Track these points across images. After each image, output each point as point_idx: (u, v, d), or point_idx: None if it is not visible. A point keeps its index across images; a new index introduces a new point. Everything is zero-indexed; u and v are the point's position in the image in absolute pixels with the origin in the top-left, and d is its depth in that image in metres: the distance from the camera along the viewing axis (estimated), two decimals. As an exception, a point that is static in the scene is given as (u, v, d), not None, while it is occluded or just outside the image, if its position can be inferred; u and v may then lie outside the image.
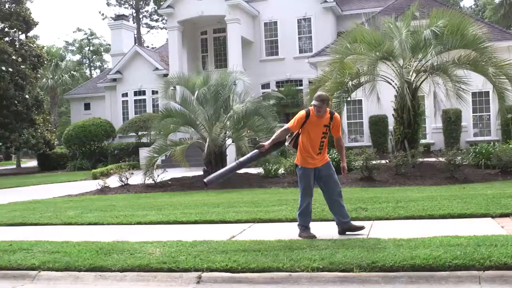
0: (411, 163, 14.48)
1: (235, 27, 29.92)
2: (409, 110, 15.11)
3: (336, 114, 7.65)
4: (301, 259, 6.12)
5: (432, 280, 5.57)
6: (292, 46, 32.08)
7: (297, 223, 7.68)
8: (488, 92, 21.73)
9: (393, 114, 16.13)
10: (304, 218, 7.59)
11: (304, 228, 7.54)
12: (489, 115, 24.05)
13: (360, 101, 23.99)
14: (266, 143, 7.45)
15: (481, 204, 9.12)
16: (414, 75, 15.43)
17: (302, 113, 7.42)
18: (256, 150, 7.48)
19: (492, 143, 17.02)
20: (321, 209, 9.24)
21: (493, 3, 54.33)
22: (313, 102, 7.32)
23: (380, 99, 15.88)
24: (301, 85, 31.27)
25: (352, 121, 25.11)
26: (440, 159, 14.21)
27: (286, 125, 7.46)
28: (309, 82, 20.92)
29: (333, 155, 14.23)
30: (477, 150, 15.19)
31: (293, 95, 29.77)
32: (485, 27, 17.56)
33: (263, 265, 6.04)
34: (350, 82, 15.30)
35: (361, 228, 7.60)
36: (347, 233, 7.53)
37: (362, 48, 15.16)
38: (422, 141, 20.93)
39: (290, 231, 7.84)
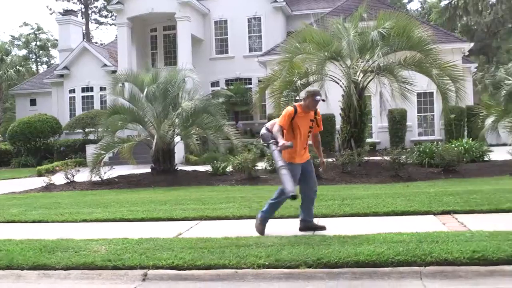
0: (357, 161, 14.74)
1: (185, 25, 29.73)
2: (356, 109, 15.37)
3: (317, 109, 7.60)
4: (247, 256, 6.13)
5: (375, 276, 5.67)
6: (242, 44, 32.15)
7: (258, 215, 7.53)
8: (432, 92, 22.34)
9: (340, 113, 16.38)
10: (272, 210, 7.56)
11: (265, 221, 7.48)
12: (433, 115, 24.73)
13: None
14: (281, 141, 7.06)
15: (424, 202, 9.37)
16: (361, 75, 15.71)
17: (290, 109, 7.38)
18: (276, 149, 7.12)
19: (435, 142, 17.49)
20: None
21: (439, 6, 55.80)
22: (317, 98, 7.29)
23: (328, 99, 15.98)
24: (250, 83, 31.36)
25: (301, 120, 25.37)
26: (385, 157, 14.52)
27: (278, 124, 7.29)
28: (259, 80, 21.05)
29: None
30: (421, 149, 15.58)
31: (242, 93, 29.84)
32: (430, 29, 18.03)
33: (210, 262, 6.04)
34: (298, 81, 15.46)
35: (323, 228, 7.60)
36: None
37: (311, 48, 15.33)
38: (368, 140, 21.33)
39: (237, 228, 7.88)
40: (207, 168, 16.73)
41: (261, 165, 15.79)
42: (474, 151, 15.91)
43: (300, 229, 7.60)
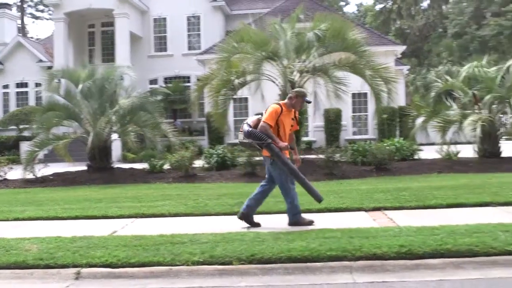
0: (293, 160, 14.92)
1: (124, 22, 29.32)
2: (292, 108, 15.55)
3: None
4: (182, 253, 6.17)
5: (307, 271, 5.81)
6: (181, 43, 32.01)
7: (289, 214, 7.72)
8: (366, 93, 22.86)
9: (276, 113, 16.54)
10: (297, 204, 7.72)
11: (299, 214, 7.69)
12: (367, 115, 25.38)
13: (246, 99, 24.41)
14: (280, 143, 7.46)
15: (356, 199, 9.66)
16: (298, 75, 15.93)
17: (277, 107, 7.56)
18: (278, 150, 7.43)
19: (369, 141, 17.93)
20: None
21: (374, 10, 57.21)
22: (306, 99, 7.74)
23: (265, 98, 16.21)
24: (189, 81, 31.26)
25: (238, 118, 25.48)
26: (320, 156, 14.79)
27: (266, 123, 7.44)
28: (197, 79, 21.01)
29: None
30: (354, 148, 15.95)
31: (180, 91, 29.72)
32: (365, 32, 18.54)
33: (144, 259, 6.04)
34: (236, 80, 15.55)
35: (311, 222, 7.78)
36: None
37: (248, 47, 15.43)
38: (305, 138, 21.67)
39: (173, 226, 7.89)
40: (144, 165, 16.59)
41: (198, 163, 15.80)
42: (405, 150, 16.40)
43: (239, 217, 7.86)
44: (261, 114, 7.78)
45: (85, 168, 16.77)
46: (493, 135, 15.79)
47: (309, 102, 8.18)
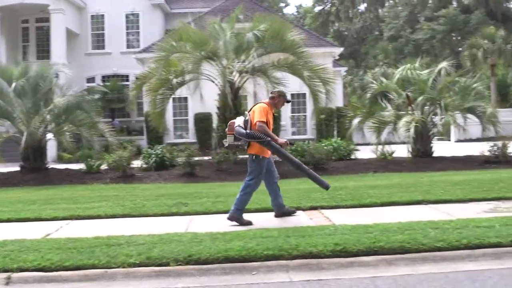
0: (232, 160, 15.00)
1: (59, 18, 28.54)
2: (231, 109, 15.62)
3: None
4: (117, 255, 6.08)
5: (244, 270, 5.84)
6: (119, 40, 31.48)
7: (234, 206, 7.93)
8: (305, 94, 23.10)
9: (216, 112, 16.56)
10: (245, 203, 7.99)
11: (242, 214, 7.91)
12: (306, 115, 25.68)
13: (186, 99, 24.26)
14: (279, 139, 7.98)
15: (294, 198, 9.76)
16: (237, 75, 15.99)
17: (264, 106, 7.99)
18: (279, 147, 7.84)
19: (307, 141, 18.18)
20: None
21: (313, 11, 57.97)
22: (288, 98, 8.32)
23: (205, 97, 16.21)
24: (127, 80, 30.73)
25: (178, 118, 25.34)
26: (259, 156, 14.86)
27: (260, 121, 7.73)
28: (136, 78, 20.73)
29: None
30: (293, 148, 16.09)
31: (119, 90, 29.21)
32: (303, 33, 18.74)
33: (79, 262, 5.91)
34: (174, 80, 15.45)
35: (294, 212, 8.43)
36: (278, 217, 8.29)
37: (187, 46, 15.37)
38: (244, 139, 21.70)
39: (109, 228, 7.78)
40: (81, 166, 16.22)
41: (136, 163, 15.60)
42: (342, 150, 16.69)
43: (276, 216, 8.25)
44: (244, 115, 8.13)
45: (18, 168, 16.23)
46: (425, 136, 16.31)
47: (289, 102, 8.57)
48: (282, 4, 62.92)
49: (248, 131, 7.79)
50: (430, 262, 6.00)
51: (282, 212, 8.33)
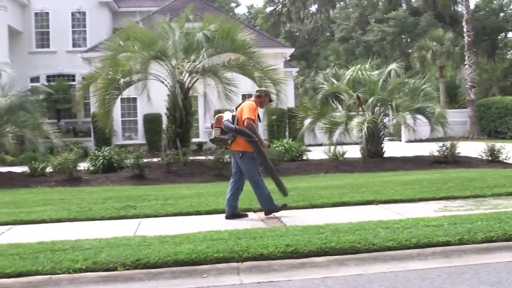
0: (182, 161, 14.83)
1: (1, 15, 27.61)
2: (181, 109, 15.44)
3: None
4: (63, 260, 5.87)
5: (194, 274, 5.75)
6: (65, 39, 30.72)
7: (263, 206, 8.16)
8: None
9: (166, 113, 16.35)
10: (268, 195, 8.23)
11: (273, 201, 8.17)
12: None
13: (134, 99, 23.85)
14: (263, 141, 8.40)
15: (245, 200, 9.61)
16: (187, 75, 15.81)
17: (253, 104, 8.24)
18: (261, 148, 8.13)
19: (259, 142, 18.08)
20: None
21: (264, 12, 58.12)
22: (272, 97, 9.05)
23: (154, 98, 15.99)
24: (74, 80, 29.99)
25: (127, 119, 24.90)
26: (210, 157, 14.76)
27: (250, 119, 7.98)
28: (82, 77, 20.23)
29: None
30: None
31: (64, 90, 28.37)
32: (254, 34, 18.72)
33: (21, 269, 5.67)
34: (122, 80, 15.13)
35: (246, 215, 8.47)
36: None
37: (136, 46, 15.11)
38: (196, 139, 21.56)
39: (54, 232, 7.52)
40: (24, 169, 15.68)
41: (83, 166, 15.21)
42: (293, 151, 16.75)
43: (227, 217, 8.23)
44: (231, 110, 8.39)
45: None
46: (376, 136, 16.53)
47: (271, 101, 9.02)
48: (233, 4, 62.90)
49: (237, 126, 7.96)
50: (381, 262, 6.04)
51: (234, 214, 8.29)
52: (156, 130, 22.93)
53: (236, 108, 8.34)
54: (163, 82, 15.96)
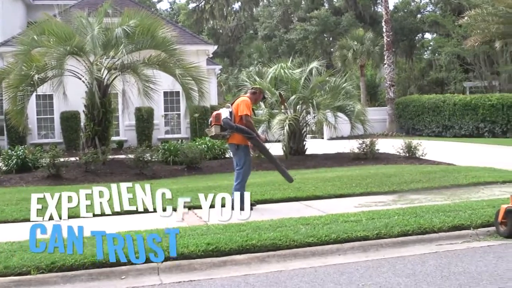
0: (101, 160, 14.45)
1: None
2: (100, 107, 15.04)
3: None
4: (-30, 266, 5.57)
5: (113, 275, 5.66)
6: (-25, 33, 29.17)
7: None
8: (179, 92, 22.82)
9: (84, 111, 15.87)
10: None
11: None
12: (180, 114, 25.39)
13: (51, 96, 22.91)
14: (261, 135, 9.22)
15: (165, 199, 9.48)
16: (106, 72, 15.40)
17: (248, 100, 8.79)
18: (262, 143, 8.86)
19: (181, 140, 17.97)
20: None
21: (187, 8, 57.67)
22: (266, 95, 9.89)
23: (72, 95, 15.44)
24: (-15, 76, 28.57)
25: (43, 116, 23.98)
26: (130, 156, 14.47)
27: (247, 116, 8.56)
28: (-6, 73, 19.31)
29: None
30: (166, 147, 15.86)
31: (-25, 86, 27.08)
32: (176, 30, 18.47)
33: None
34: (36, 76, 14.49)
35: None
36: None
37: (51, 41, 14.55)
38: (115, 138, 21.08)
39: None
40: None
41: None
42: (216, 149, 16.70)
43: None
44: (227, 107, 8.79)
45: None
46: (298, 134, 16.73)
47: (265, 98, 9.92)
48: (155, 0, 62.00)
49: (237, 125, 8.51)
50: (301, 258, 6.14)
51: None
52: (74, 128, 22.26)
53: (232, 104, 8.82)
54: (80, 79, 15.48)
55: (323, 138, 28.75)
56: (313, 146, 18.14)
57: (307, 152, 17.00)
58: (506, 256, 6.05)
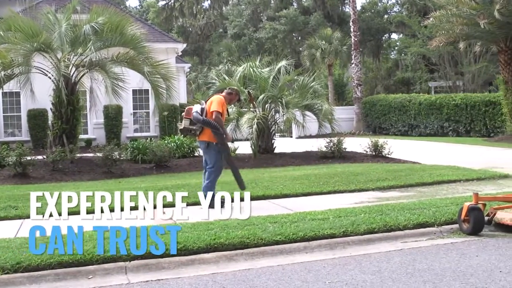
0: (69, 158, 14.30)
1: None
2: (67, 105, 14.89)
3: None
4: None
5: (79, 275, 5.61)
6: None
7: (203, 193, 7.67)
8: (148, 90, 22.69)
9: (51, 109, 15.69)
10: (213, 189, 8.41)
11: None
12: (149, 112, 25.25)
13: (18, 94, 22.53)
14: (228, 134, 9.11)
15: (133, 198, 9.46)
16: (74, 69, 15.25)
17: (222, 98, 8.82)
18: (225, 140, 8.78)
19: (150, 138, 17.89)
20: None
21: (157, 6, 57.30)
22: (241, 97, 9.77)
23: (39, 93, 15.27)
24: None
25: (9, 114, 23.58)
26: (98, 154, 14.35)
27: (218, 112, 8.53)
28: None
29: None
30: (134, 145, 15.77)
31: None
32: (145, 28, 18.40)
33: None
34: (2, 73, 14.30)
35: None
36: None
37: (17, 37, 14.34)
38: (84, 136, 20.86)
39: None
40: None
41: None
42: (185, 147, 16.66)
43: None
44: (200, 103, 8.91)
45: None
46: (267, 132, 16.79)
47: (240, 101, 10.11)
48: (124, -3, 61.43)
49: (205, 118, 8.50)
50: (269, 256, 6.17)
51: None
52: (42, 126, 21.96)
53: (206, 101, 8.87)
54: (48, 76, 15.29)
55: (291, 136, 28.91)
56: (281, 145, 18.23)
57: (276, 151, 17.08)
58: (469, 253, 6.20)
